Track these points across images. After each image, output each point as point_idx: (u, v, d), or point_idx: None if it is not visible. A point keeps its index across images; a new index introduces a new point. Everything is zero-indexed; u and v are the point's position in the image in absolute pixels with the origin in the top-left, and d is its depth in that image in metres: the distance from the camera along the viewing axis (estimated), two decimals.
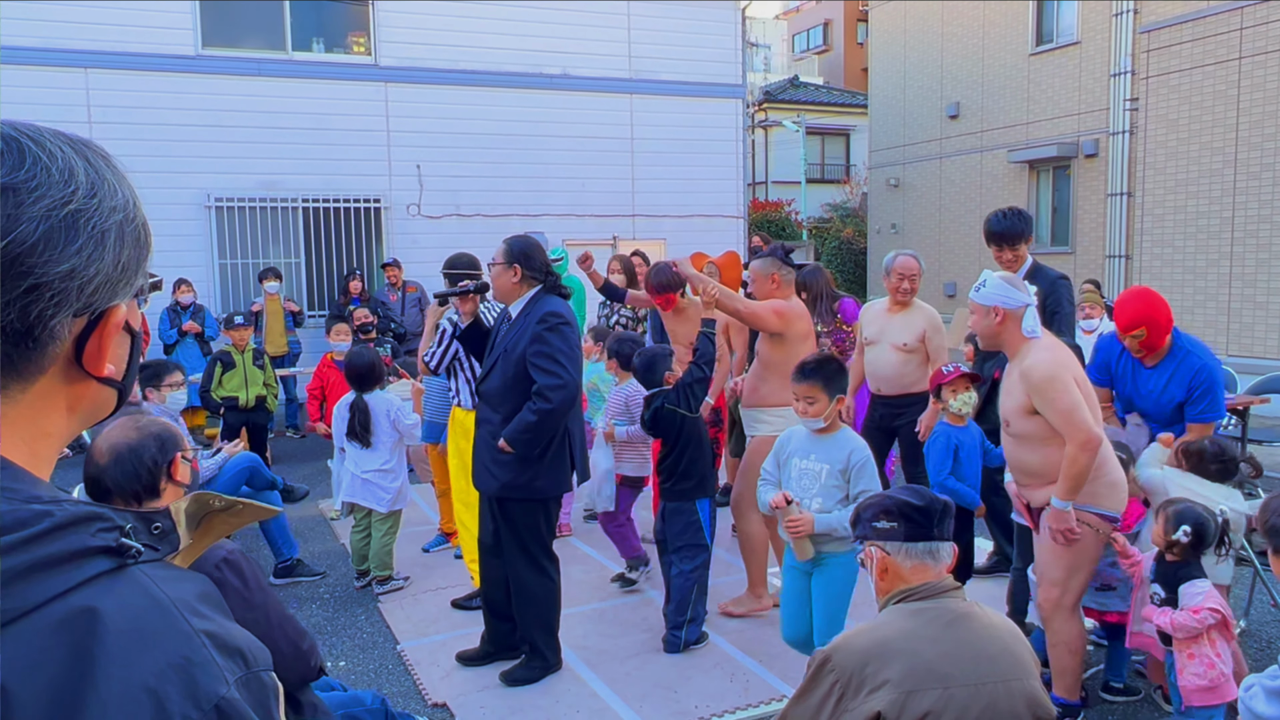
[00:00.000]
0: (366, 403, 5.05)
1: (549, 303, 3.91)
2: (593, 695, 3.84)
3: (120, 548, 0.72)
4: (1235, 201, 11.65)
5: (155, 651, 0.69)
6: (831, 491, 3.43)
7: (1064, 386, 3.21)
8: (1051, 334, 3.53)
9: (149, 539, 0.76)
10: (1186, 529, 3.13)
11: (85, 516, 0.71)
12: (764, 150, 24.89)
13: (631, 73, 11.68)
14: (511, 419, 3.80)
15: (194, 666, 0.70)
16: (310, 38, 10.43)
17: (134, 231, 0.79)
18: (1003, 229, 4.62)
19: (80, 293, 0.74)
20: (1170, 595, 3.17)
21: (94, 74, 9.31)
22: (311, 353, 9.77)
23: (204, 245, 9.88)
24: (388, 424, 5.08)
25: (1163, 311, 3.95)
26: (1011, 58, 16.23)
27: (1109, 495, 3.34)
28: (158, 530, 0.79)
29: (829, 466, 3.45)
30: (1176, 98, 12.34)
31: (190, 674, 0.69)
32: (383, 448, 5.07)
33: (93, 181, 0.76)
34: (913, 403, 5.22)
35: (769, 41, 32.31)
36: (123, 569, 0.72)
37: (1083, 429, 3.18)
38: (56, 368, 0.76)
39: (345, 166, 10.38)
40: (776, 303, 4.45)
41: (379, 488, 5.06)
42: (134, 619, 0.69)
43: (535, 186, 11.22)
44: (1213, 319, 11.86)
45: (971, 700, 1.99)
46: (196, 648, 0.71)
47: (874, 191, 20.17)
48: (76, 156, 0.76)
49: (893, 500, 2.29)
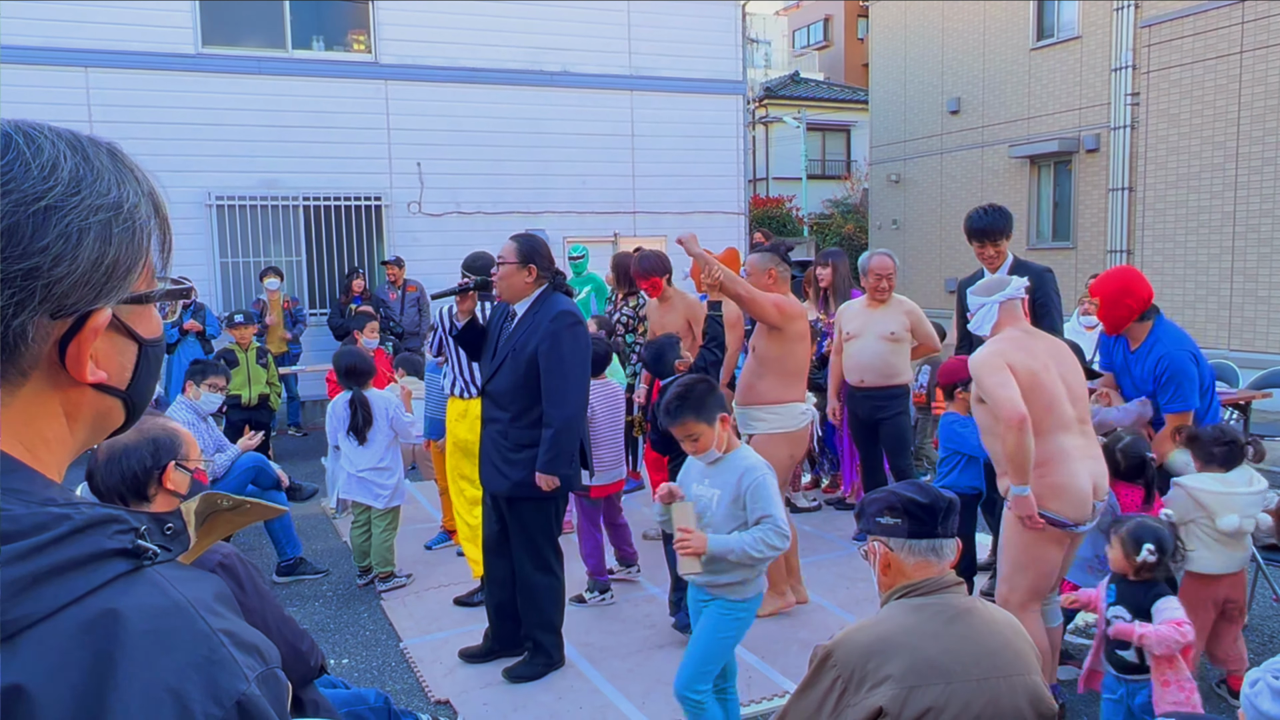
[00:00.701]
0: (367, 398, 5.11)
1: (559, 300, 3.92)
2: (595, 691, 3.85)
3: (136, 549, 0.72)
4: (1237, 196, 11.63)
5: (176, 652, 0.69)
6: (728, 519, 3.04)
7: (991, 369, 3.28)
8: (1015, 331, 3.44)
9: (162, 540, 0.76)
10: (1149, 547, 3.00)
11: (102, 519, 0.71)
12: (765, 146, 24.85)
13: (632, 69, 11.67)
14: (521, 417, 3.83)
15: (214, 665, 0.70)
16: (310, 36, 10.42)
17: (126, 232, 0.76)
18: (984, 225, 4.65)
19: (47, 292, 0.71)
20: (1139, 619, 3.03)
21: (94, 73, 9.31)
22: (312, 351, 9.78)
23: (205, 244, 9.88)
24: (385, 421, 5.14)
25: (1125, 290, 3.99)
26: (1012, 53, 16.19)
27: (1053, 498, 3.28)
28: (170, 531, 0.78)
29: (720, 493, 3.07)
30: (1178, 92, 12.31)
31: (211, 673, 0.69)
32: (378, 445, 5.11)
33: (78, 179, 0.73)
34: (895, 395, 5.35)
35: (769, 37, 32.26)
36: (139, 570, 0.72)
37: (1005, 405, 3.20)
38: (41, 372, 0.73)
39: (346, 164, 10.37)
40: (778, 297, 4.46)
41: (375, 485, 5.10)
42: (153, 620, 0.69)
43: (536, 184, 11.22)
44: (1214, 313, 11.84)
45: (974, 696, 1.99)
46: (216, 646, 0.71)
47: (875, 187, 20.15)
48: (71, 153, 0.74)
49: (898, 496, 2.26)
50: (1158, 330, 4.05)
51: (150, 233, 0.79)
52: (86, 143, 0.77)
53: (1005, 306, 3.47)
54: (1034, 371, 3.32)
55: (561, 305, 3.88)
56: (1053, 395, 3.34)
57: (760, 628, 4.43)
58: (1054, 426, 3.31)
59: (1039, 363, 3.36)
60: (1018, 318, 3.48)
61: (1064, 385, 3.40)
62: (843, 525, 5.97)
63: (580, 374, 3.87)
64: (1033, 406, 3.27)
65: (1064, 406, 3.35)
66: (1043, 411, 3.30)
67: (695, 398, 3.01)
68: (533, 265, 3.89)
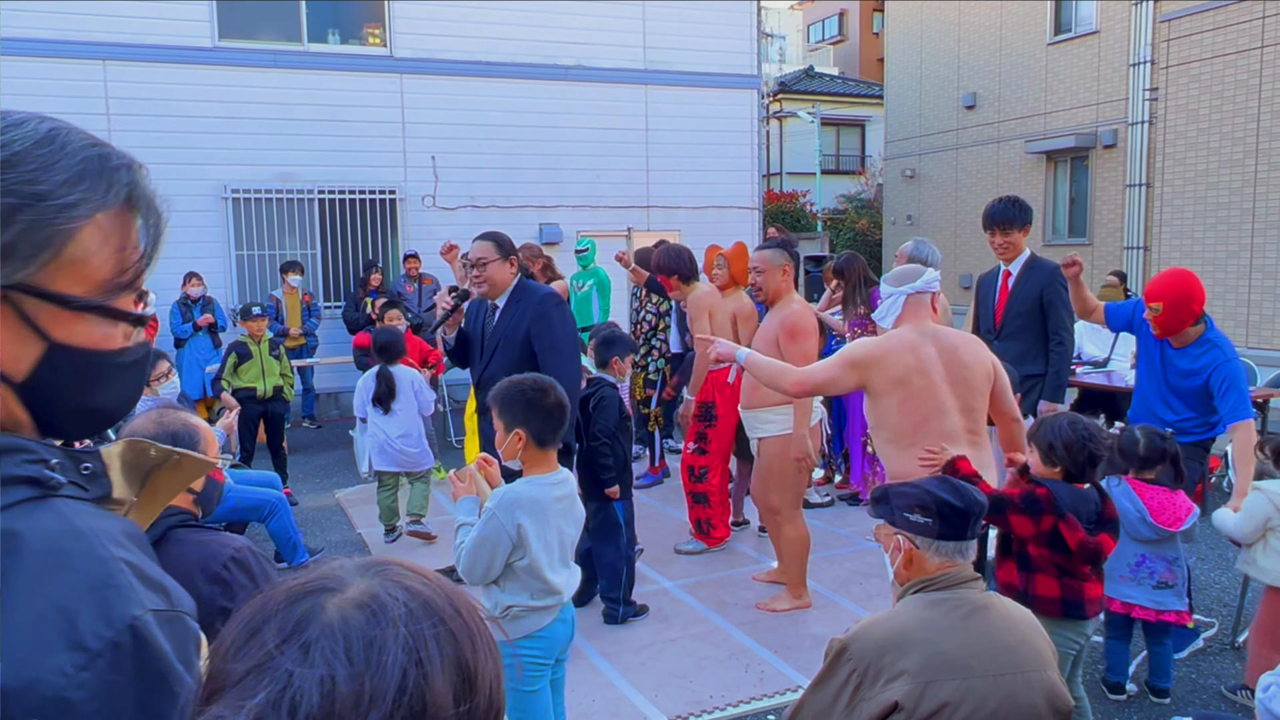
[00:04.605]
0: (391, 373, 5.65)
1: (538, 286, 4.18)
2: (608, 685, 3.86)
3: (43, 479, 0.74)
4: (1256, 192, 11.52)
5: (70, 573, 0.70)
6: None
7: (849, 356, 3.28)
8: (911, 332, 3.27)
9: (77, 477, 0.78)
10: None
11: (9, 448, 0.74)
12: (779, 141, 24.78)
13: (646, 64, 11.65)
14: None
15: (109, 589, 0.71)
16: (326, 30, 10.44)
17: (32, 218, 0.75)
18: (993, 211, 4.76)
19: None
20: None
21: (111, 66, 9.36)
22: (327, 344, 9.82)
23: (221, 237, 9.93)
24: (411, 393, 5.67)
25: (1189, 296, 3.94)
26: (1029, 47, 16.09)
27: None
28: (87, 470, 0.80)
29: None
30: (1197, 87, 12.20)
31: (104, 595, 0.70)
32: (404, 415, 5.64)
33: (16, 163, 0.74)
34: None
35: (784, 32, 32.17)
36: (45, 499, 0.74)
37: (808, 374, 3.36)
38: None
39: (361, 158, 10.40)
40: (795, 325, 4.45)
41: (405, 455, 5.64)
42: (51, 541, 0.71)
43: (550, 178, 11.22)
44: (1232, 311, 11.75)
45: (990, 692, 1.98)
46: (114, 572, 0.72)
47: (889, 183, 20.06)
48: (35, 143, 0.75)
49: (932, 496, 2.20)
50: (1210, 335, 4.01)
51: (72, 235, 0.77)
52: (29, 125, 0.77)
53: (911, 300, 3.29)
54: (907, 378, 3.16)
55: (543, 289, 4.13)
56: (932, 407, 3.16)
57: (774, 623, 4.43)
58: (932, 436, 3.14)
59: (921, 368, 3.17)
60: (922, 315, 3.30)
61: (952, 396, 3.19)
62: (855, 521, 5.95)
63: (572, 350, 4.06)
64: (904, 415, 3.15)
65: (948, 418, 3.16)
66: (916, 423, 3.15)
67: (505, 401, 2.67)
68: (513, 257, 4.11)
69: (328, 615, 0.63)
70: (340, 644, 0.61)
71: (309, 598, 0.65)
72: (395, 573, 0.68)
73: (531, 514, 2.57)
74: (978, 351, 3.32)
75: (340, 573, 0.68)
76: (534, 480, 2.65)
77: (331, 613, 0.63)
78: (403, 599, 0.65)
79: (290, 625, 0.63)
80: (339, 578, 0.67)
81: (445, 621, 0.65)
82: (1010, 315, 4.80)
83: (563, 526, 2.67)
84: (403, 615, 0.64)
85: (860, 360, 3.24)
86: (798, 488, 4.58)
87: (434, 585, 0.68)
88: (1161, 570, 3.58)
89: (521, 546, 2.55)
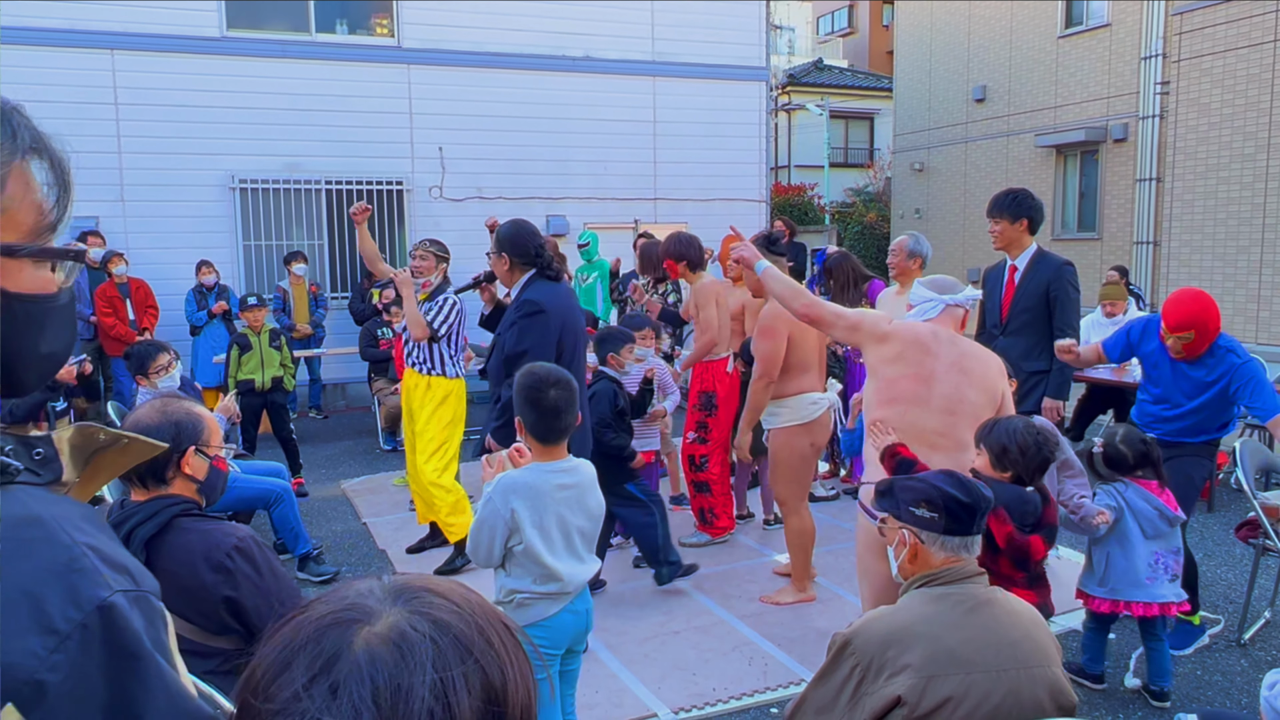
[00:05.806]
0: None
1: (531, 289, 4.01)
2: (612, 676, 3.86)
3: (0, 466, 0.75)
4: (1268, 187, 11.45)
5: (34, 559, 0.71)
6: None
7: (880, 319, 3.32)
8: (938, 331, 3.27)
9: (30, 463, 0.79)
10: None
11: None
12: (787, 134, 24.70)
13: (654, 55, 11.61)
14: (500, 399, 3.94)
15: (75, 573, 0.72)
16: (334, 19, 10.43)
17: None
18: (992, 200, 4.84)
19: None
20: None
21: (120, 55, 9.36)
22: (333, 334, 9.83)
23: (229, 227, 9.94)
24: None
25: (1216, 319, 3.90)
26: (1040, 40, 15.99)
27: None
28: (39, 456, 0.81)
29: None
30: (1209, 81, 12.12)
31: (71, 579, 0.71)
32: None
33: None
34: None
35: (793, 24, 32.02)
36: (3, 487, 0.74)
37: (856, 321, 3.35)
38: None
39: (368, 149, 10.39)
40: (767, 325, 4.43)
41: None
42: (12, 529, 0.71)
43: (557, 169, 11.20)
44: (1242, 306, 11.69)
45: (993, 687, 1.97)
46: (78, 556, 0.73)
47: (898, 176, 19.99)
48: None
49: (939, 491, 2.19)
50: (1221, 342, 3.96)
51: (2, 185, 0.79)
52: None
53: (949, 309, 3.29)
54: (904, 355, 3.17)
55: (526, 294, 3.97)
56: (913, 394, 3.15)
57: (777, 616, 4.43)
58: (901, 421, 3.13)
59: (920, 357, 3.17)
60: (951, 326, 3.29)
61: (940, 396, 3.14)
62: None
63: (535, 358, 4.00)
64: (884, 388, 3.19)
65: (924, 413, 3.13)
66: (891, 399, 3.16)
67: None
68: (505, 254, 4.04)
69: (355, 653, 0.64)
70: (368, 687, 0.62)
71: (338, 629, 0.65)
72: (424, 602, 0.68)
73: (526, 499, 2.59)
74: (989, 372, 3.25)
75: (369, 601, 0.68)
76: (537, 467, 2.66)
77: (359, 650, 0.64)
78: (431, 635, 0.65)
79: (320, 662, 0.63)
80: (368, 608, 0.67)
81: (474, 655, 0.66)
82: (1016, 310, 4.76)
83: (565, 515, 2.67)
84: (430, 655, 0.64)
85: (872, 325, 3.26)
86: (803, 480, 4.58)
87: (464, 613, 0.68)
88: (1172, 563, 3.59)
89: (517, 531, 2.58)
